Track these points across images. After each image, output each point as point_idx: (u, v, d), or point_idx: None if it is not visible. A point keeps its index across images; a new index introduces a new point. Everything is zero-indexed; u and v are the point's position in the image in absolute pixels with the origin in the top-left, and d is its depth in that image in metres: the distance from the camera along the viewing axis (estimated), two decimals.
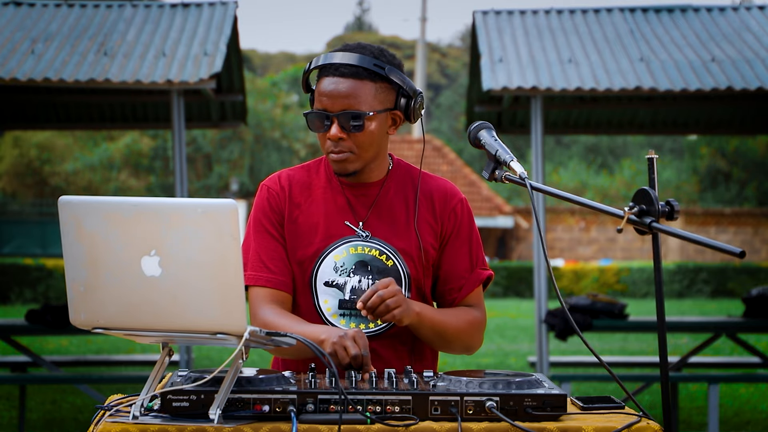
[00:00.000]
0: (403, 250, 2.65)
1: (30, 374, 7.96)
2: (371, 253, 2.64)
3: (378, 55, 2.59)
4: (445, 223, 2.70)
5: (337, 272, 2.64)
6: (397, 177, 2.72)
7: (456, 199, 2.72)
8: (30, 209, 29.03)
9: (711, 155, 33.22)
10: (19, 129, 17.40)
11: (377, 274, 2.63)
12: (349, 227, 2.65)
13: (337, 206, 2.67)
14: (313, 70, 2.63)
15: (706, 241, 2.09)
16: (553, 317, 7.28)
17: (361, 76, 2.56)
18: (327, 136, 2.58)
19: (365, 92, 2.56)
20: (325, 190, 2.70)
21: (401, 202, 2.69)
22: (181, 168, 7.43)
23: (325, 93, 2.57)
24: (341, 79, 2.55)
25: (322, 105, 2.58)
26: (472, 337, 2.70)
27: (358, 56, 2.56)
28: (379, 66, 2.56)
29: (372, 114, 2.57)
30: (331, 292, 2.64)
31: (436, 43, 56.47)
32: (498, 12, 8.51)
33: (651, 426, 2.18)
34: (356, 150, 2.59)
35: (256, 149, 33.27)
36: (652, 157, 2.21)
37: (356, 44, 2.62)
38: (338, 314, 2.64)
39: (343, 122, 2.56)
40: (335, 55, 2.57)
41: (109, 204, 2.15)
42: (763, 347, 11.39)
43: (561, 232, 28.88)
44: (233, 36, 8.14)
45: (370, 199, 2.68)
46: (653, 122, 9.79)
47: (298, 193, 2.70)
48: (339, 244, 2.64)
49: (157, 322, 2.15)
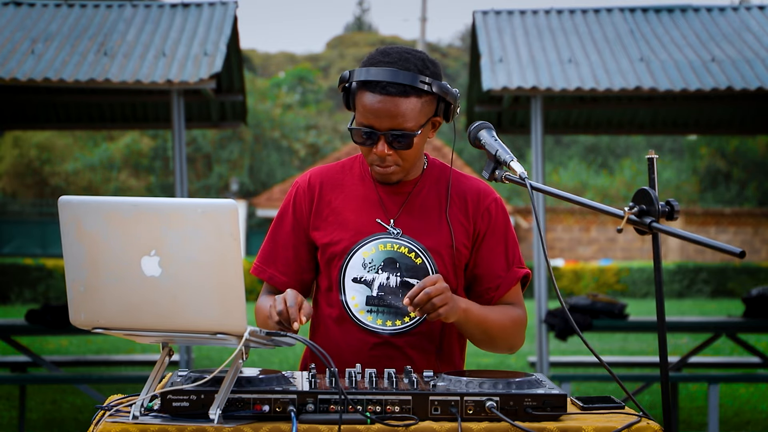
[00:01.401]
0: (433, 249, 2.64)
1: (30, 374, 7.95)
2: (400, 250, 2.64)
3: (422, 69, 2.56)
4: (478, 222, 2.69)
5: (365, 269, 2.64)
6: (432, 176, 2.72)
7: (490, 198, 2.71)
8: (30, 209, 29.03)
9: (711, 155, 33.21)
10: (19, 129, 17.40)
11: (406, 271, 2.63)
12: (380, 224, 2.66)
13: (369, 203, 2.68)
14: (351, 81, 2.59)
15: (706, 241, 2.09)
16: (553, 317, 7.28)
17: (408, 93, 2.53)
18: (374, 152, 2.58)
19: (412, 109, 2.54)
20: (358, 188, 2.71)
21: (434, 201, 2.69)
22: (181, 168, 7.43)
23: (371, 110, 2.54)
24: (388, 98, 2.52)
25: (368, 122, 2.55)
26: (516, 336, 2.70)
27: (404, 73, 2.52)
28: (425, 82, 2.54)
29: (419, 132, 2.57)
30: (359, 288, 2.64)
31: (436, 43, 56.45)
32: (498, 12, 8.51)
33: (651, 426, 2.18)
34: (402, 163, 2.61)
35: (256, 149, 33.27)
36: (652, 157, 2.21)
37: (398, 55, 2.57)
38: (365, 310, 2.63)
39: (391, 140, 2.56)
40: (380, 71, 2.53)
41: (109, 204, 2.15)
42: (763, 347, 11.38)
43: (561, 232, 28.88)
44: (233, 36, 8.14)
45: (402, 198, 2.68)
46: (653, 122, 9.79)
47: (330, 190, 2.71)
48: (368, 240, 2.65)
49: (157, 322, 2.15)
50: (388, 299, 2.62)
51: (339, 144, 34.64)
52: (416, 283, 2.56)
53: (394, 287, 2.62)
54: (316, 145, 34.39)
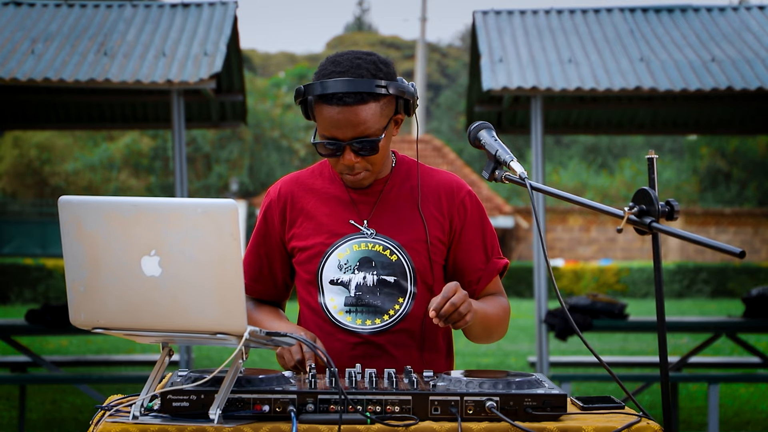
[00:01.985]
0: (408, 244, 2.65)
1: (30, 374, 7.95)
2: (375, 248, 2.65)
3: (375, 72, 2.56)
4: (454, 217, 2.69)
5: (341, 270, 2.64)
6: (401, 173, 2.73)
7: (463, 191, 2.71)
8: (30, 209, 29.02)
9: (711, 155, 33.20)
10: (19, 129, 17.40)
11: (382, 269, 2.63)
12: (354, 225, 2.67)
13: (341, 205, 2.69)
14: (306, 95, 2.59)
15: (706, 241, 2.09)
16: (553, 317, 7.28)
17: (366, 100, 2.53)
18: (341, 162, 2.59)
19: (372, 115, 2.54)
20: (329, 191, 2.72)
21: (406, 197, 2.70)
22: (181, 168, 7.43)
23: (332, 122, 2.54)
24: (346, 108, 2.52)
25: (331, 134, 2.56)
26: (504, 326, 2.74)
27: (359, 81, 2.51)
28: (380, 86, 2.54)
29: (383, 135, 2.57)
30: (336, 290, 2.65)
31: (436, 43, 56.46)
32: (498, 12, 8.51)
33: (651, 426, 2.18)
34: (371, 168, 2.62)
35: (256, 149, 33.27)
36: (652, 157, 2.21)
37: (349, 63, 2.56)
38: (344, 311, 2.64)
39: (357, 149, 2.56)
40: (335, 83, 2.51)
41: (109, 204, 2.15)
42: (763, 347, 11.38)
43: (561, 232, 28.88)
44: (233, 36, 8.14)
45: (374, 197, 2.69)
46: (653, 122, 9.79)
47: (301, 197, 2.72)
48: (343, 242, 2.66)
49: (157, 322, 2.15)
50: (365, 299, 2.63)
51: None
52: (392, 281, 2.60)
53: (371, 286, 2.63)
54: None
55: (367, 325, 2.62)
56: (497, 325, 2.69)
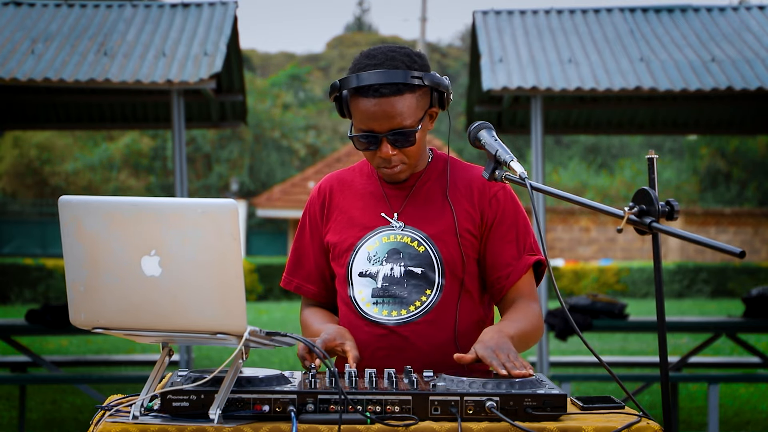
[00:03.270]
0: (436, 236, 2.64)
1: (30, 374, 7.95)
2: (403, 240, 2.65)
3: (410, 64, 2.57)
4: (485, 210, 2.67)
5: (370, 262, 2.66)
6: (437, 169, 2.73)
7: (497, 186, 2.69)
8: (30, 209, 29.03)
9: (711, 155, 33.20)
10: (19, 129, 17.39)
11: (409, 260, 2.63)
12: (384, 218, 2.68)
13: (374, 199, 2.71)
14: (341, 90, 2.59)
15: (706, 241, 2.09)
16: (553, 317, 7.28)
17: (402, 91, 2.54)
18: (378, 155, 2.60)
19: (409, 106, 2.55)
20: (365, 186, 2.74)
21: (438, 191, 2.70)
22: (181, 168, 7.43)
23: (368, 115, 2.55)
24: (383, 100, 2.53)
25: (368, 126, 2.57)
26: (540, 333, 2.72)
27: (394, 72, 2.53)
28: (415, 77, 2.54)
29: (419, 127, 2.58)
30: (365, 282, 2.66)
31: (436, 43, 56.44)
32: (498, 12, 8.51)
33: (651, 426, 2.18)
34: (407, 161, 2.63)
35: (256, 149, 33.28)
36: (652, 157, 2.21)
37: (384, 56, 2.57)
38: (371, 303, 2.65)
39: (393, 141, 2.58)
40: (370, 75, 2.53)
41: (109, 204, 2.15)
42: (763, 347, 11.38)
43: (561, 232, 28.88)
44: (233, 36, 8.14)
45: (406, 191, 2.70)
46: (653, 122, 9.79)
47: (339, 192, 2.76)
48: (372, 235, 2.68)
49: (157, 322, 2.15)
50: (392, 290, 2.63)
51: (339, 144, 34.64)
52: (420, 272, 2.61)
53: (399, 277, 2.63)
54: (316, 145, 34.39)
55: (393, 317, 2.62)
56: (532, 336, 2.66)
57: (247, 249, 29.94)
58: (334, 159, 30.49)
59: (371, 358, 2.56)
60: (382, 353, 2.59)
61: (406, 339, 2.60)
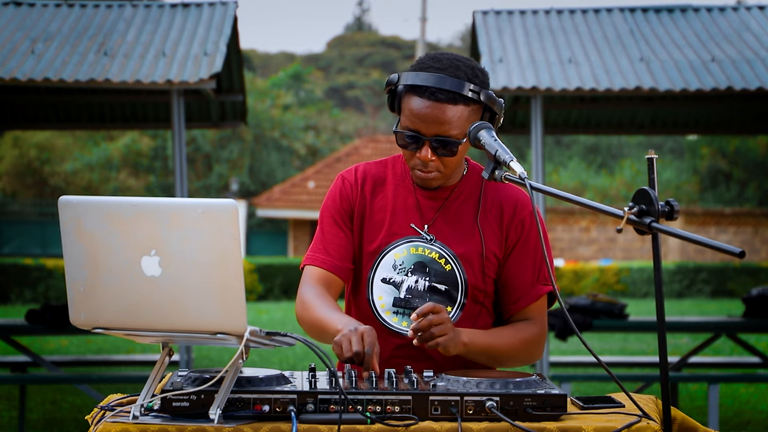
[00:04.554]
0: (464, 256, 2.63)
1: (30, 374, 7.95)
2: (431, 255, 2.64)
3: (472, 77, 2.54)
4: (510, 233, 2.66)
5: (395, 270, 2.64)
6: (470, 182, 2.70)
7: (527, 210, 2.67)
8: (30, 209, 29.03)
9: (711, 155, 33.20)
10: (19, 129, 17.41)
11: (434, 276, 2.62)
12: (414, 229, 2.66)
13: (406, 206, 2.68)
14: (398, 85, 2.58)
15: (706, 241, 2.09)
16: (553, 317, 7.27)
17: (457, 101, 2.52)
18: (417, 156, 2.58)
19: (459, 117, 2.53)
20: (397, 188, 2.71)
21: (470, 208, 2.67)
22: (181, 168, 7.43)
23: (418, 115, 2.53)
24: (436, 104, 2.51)
25: (415, 126, 2.55)
26: (528, 354, 2.66)
27: (454, 80, 2.51)
28: (474, 91, 2.53)
29: (464, 140, 2.55)
30: (387, 289, 2.65)
31: (436, 43, 56.46)
32: (498, 12, 8.51)
33: (651, 426, 2.18)
34: (443, 170, 2.60)
35: (256, 149, 33.28)
36: (652, 157, 2.21)
37: (449, 62, 2.55)
38: (392, 311, 2.64)
39: (436, 146, 2.55)
40: (430, 76, 2.52)
41: (109, 204, 2.15)
42: (763, 347, 11.38)
43: (561, 232, 28.88)
44: (233, 36, 8.14)
45: (439, 203, 2.68)
46: (653, 122, 9.79)
47: (371, 188, 2.71)
48: (401, 242, 2.65)
49: (157, 322, 2.14)
50: (414, 302, 2.62)
51: (339, 144, 34.62)
52: (443, 289, 2.59)
53: (422, 291, 2.62)
54: (316, 145, 34.38)
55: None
56: (509, 355, 2.62)
57: (247, 249, 29.95)
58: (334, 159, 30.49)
59: (386, 365, 2.54)
60: (397, 361, 2.58)
61: (422, 351, 2.59)
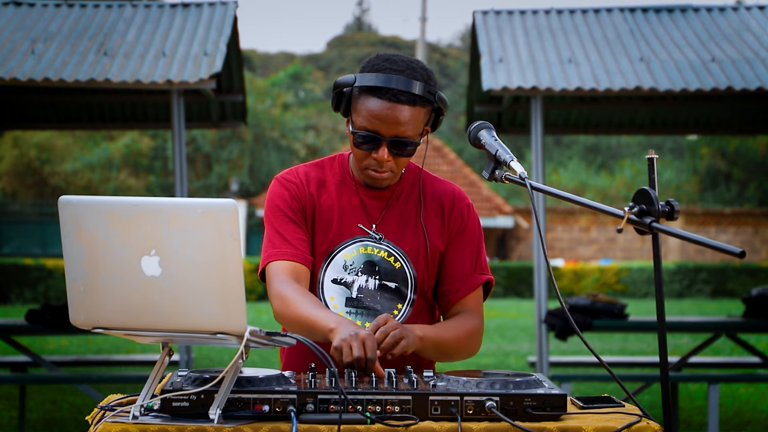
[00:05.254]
0: (411, 253, 2.68)
1: (30, 374, 7.95)
2: (380, 254, 2.67)
3: (427, 79, 2.59)
4: (451, 224, 2.73)
5: (345, 270, 2.67)
6: (408, 181, 2.75)
7: (464, 203, 2.76)
8: (30, 209, 29.03)
9: (711, 155, 33.22)
10: (19, 129, 17.40)
11: (384, 275, 2.66)
12: (362, 229, 2.69)
13: (351, 206, 2.70)
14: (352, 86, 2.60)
15: (706, 241, 2.09)
16: (553, 317, 7.28)
17: (416, 103, 2.57)
18: (374, 156, 2.60)
19: (417, 119, 2.58)
20: (339, 189, 2.72)
21: (412, 206, 2.72)
22: (181, 168, 7.42)
23: (378, 116, 2.56)
24: (397, 105, 2.55)
25: (373, 127, 2.57)
26: (471, 347, 2.72)
27: (414, 83, 2.55)
28: (431, 93, 2.59)
29: (420, 141, 2.62)
30: (338, 290, 2.67)
31: (436, 43, 56.47)
32: (498, 12, 8.51)
33: (651, 426, 2.18)
34: (396, 170, 2.64)
35: (256, 149, 33.28)
36: (652, 157, 2.21)
37: (405, 64, 2.59)
38: (344, 312, 2.66)
39: (394, 147, 2.59)
40: (392, 78, 2.55)
41: (109, 204, 2.15)
42: (763, 347, 11.39)
43: (561, 232, 28.87)
44: (233, 36, 8.14)
45: (383, 202, 2.71)
46: (653, 122, 9.79)
47: (315, 188, 2.73)
48: (350, 242, 2.68)
49: (157, 322, 2.14)
50: (366, 301, 2.65)
51: (338, 144, 34.63)
52: (393, 287, 2.64)
53: (373, 290, 2.66)
54: (315, 145, 34.38)
55: (366, 328, 2.62)
56: (457, 348, 2.67)
57: (247, 249, 29.94)
58: None
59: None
60: None
61: None
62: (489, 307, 21.06)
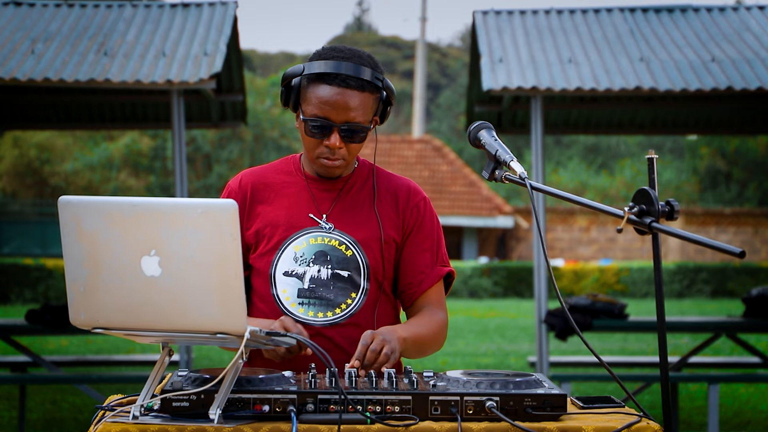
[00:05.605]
0: (364, 241, 2.69)
1: (30, 374, 7.95)
2: (331, 243, 2.68)
3: (374, 67, 2.65)
4: (407, 218, 2.75)
5: (296, 262, 2.68)
6: (362, 174, 2.78)
7: (419, 196, 2.79)
8: (30, 209, 29.01)
9: (711, 155, 33.21)
10: (19, 129, 17.40)
11: (336, 263, 2.67)
12: (313, 219, 2.71)
13: (301, 199, 2.73)
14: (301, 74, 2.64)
15: (706, 241, 2.09)
16: (553, 317, 7.28)
17: (365, 88, 2.61)
18: (325, 143, 2.63)
19: (367, 105, 2.62)
20: (290, 186, 2.75)
21: (365, 197, 2.75)
22: (181, 168, 7.42)
23: (328, 102, 2.59)
24: (347, 91, 2.59)
25: (324, 113, 2.60)
26: (441, 341, 2.77)
27: (362, 69, 2.60)
28: (378, 79, 2.63)
29: (371, 126, 2.65)
30: (290, 282, 2.67)
31: (436, 43, 56.47)
32: (498, 12, 8.51)
33: (651, 426, 2.18)
34: (348, 157, 2.67)
35: (256, 149, 33.27)
36: (652, 157, 2.21)
37: (351, 52, 2.64)
38: (297, 303, 2.66)
39: (345, 134, 2.62)
40: (341, 64, 2.59)
41: (109, 204, 2.15)
42: (763, 347, 11.39)
43: (561, 232, 28.87)
44: (233, 36, 8.14)
45: (334, 194, 2.74)
46: (653, 122, 9.79)
47: (261, 189, 2.75)
48: (299, 235, 2.69)
49: (157, 322, 2.15)
50: (319, 291, 2.66)
51: None
52: (346, 275, 2.64)
53: (325, 279, 2.66)
54: None
55: (318, 318, 2.64)
56: (431, 343, 2.73)
57: None
58: None
59: (297, 357, 2.56)
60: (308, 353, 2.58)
61: (331, 340, 2.63)
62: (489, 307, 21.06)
